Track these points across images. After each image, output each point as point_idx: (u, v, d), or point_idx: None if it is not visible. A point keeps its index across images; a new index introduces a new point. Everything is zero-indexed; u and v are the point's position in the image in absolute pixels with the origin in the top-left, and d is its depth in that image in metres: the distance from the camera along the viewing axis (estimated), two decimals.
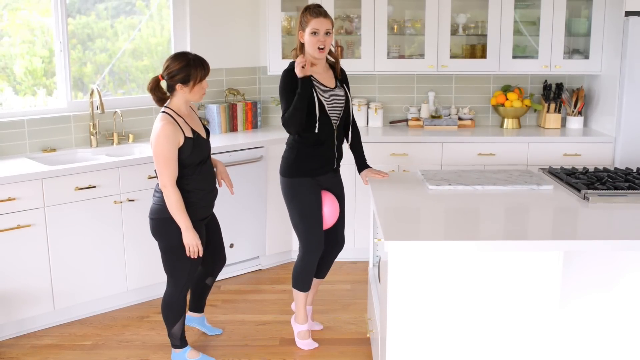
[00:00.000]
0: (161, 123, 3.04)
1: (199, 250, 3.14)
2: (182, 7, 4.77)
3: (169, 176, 3.04)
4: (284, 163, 3.44)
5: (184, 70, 3.06)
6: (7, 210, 3.54)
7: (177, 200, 3.06)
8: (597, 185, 3.17)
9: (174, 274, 3.25)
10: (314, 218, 3.41)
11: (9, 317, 3.65)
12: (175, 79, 3.07)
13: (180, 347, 3.38)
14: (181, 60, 3.08)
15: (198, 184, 3.17)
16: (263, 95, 5.29)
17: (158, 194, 3.16)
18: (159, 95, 3.14)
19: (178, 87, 3.09)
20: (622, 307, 2.76)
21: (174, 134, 3.03)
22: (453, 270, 2.52)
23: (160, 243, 3.22)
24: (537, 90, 5.30)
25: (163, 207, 3.12)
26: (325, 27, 3.29)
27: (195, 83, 3.09)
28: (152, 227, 3.22)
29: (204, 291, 3.61)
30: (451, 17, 4.91)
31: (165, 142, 3.01)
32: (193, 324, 3.70)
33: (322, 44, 3.29)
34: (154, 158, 3.06)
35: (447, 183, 3.28)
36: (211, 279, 3.56)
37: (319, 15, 3.29)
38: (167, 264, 3.24)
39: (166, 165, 3.03)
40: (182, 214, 3.08)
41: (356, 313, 4.02)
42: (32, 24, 4.27)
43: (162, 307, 3.32)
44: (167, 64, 3.10)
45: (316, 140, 3.36)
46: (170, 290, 3.28)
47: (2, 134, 4.03)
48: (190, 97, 3.13)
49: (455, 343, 2.58)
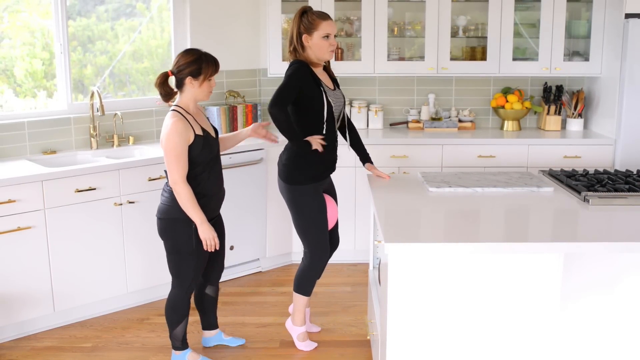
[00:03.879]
0: (172, 119, 3.03)
1: (216, 244, 3.12)
2: (182, 9, 4.78)
3: (179, 173, 3.03)
4: (287, 169, 3.39)
5: (195, 63, 3.05)
6: (7, 212, 3.54)
7: (189, 196, 3.04)
8: (597, 187, 3.17)
9: (179, 275, 3.23)
10: (321, 224, 3.42)
11: (9, 319, 3.65)
12: (185, 72, 3.05)
13: (181, 349, 3.37)
14: (192, 54, 3.08)
15: (207, 183, 3.16)
16: (263, 97, 5.29)
17: (167, 193, 3.14)
18: (167, 90, 3.14)
19: (187, 80, 3.07)
20: (623, 309, 2.76)
21: (185, 130, 3.02)
22: (453, 273, 2.52)
23: (167, 243, 3.20)
24: (537, 92, 5.30)
25: (170, 207, 3.10)
26: (335, 30, 3.32)
27: (205, 78, 3.08)
28: (159, 227, 3.20)
29: (209, 304, 3.54)
30: (451, 19, 4.91)
31: (176, 138, 3.00)
32: (212, 343, 3.61)
33: (334, 47, 3.32)
34: (164, 155, 3.05)
35: (447, 185, 3.28)
36: (211, 287, 3.49)
37: (327, 18, 3.31)
38: (172, 264, 3.23)
39: (177, 161, 3.02)
40: (196, 209, 3.06)
41: (356, 315, 4.01)
42: (33, 26, 4.27)
43: (166, 308, 3.31)
44: (177, 58, 3.09)
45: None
46: (175, 291, 3.26)
47: (3, 136, 4.03)
48: (199, 93, 3.12)
49: (456, 345, 2.58)
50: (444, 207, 3.00)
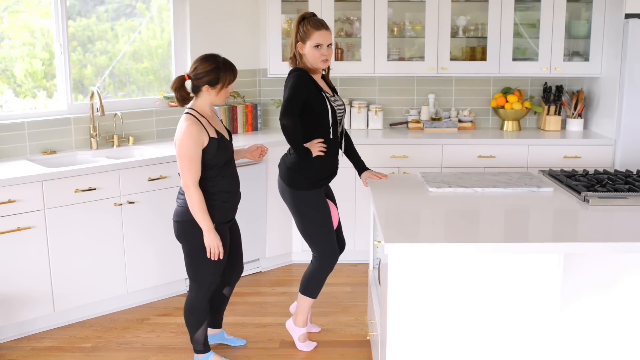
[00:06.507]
0: (186, 123, 3.03)
1: (220, 253, 3.11)
2: (182, 9, 4.78)
3: (191, 176, 3.02)
4: (292, 173, 3.38)
5: (213, 72, 3.04)
6: (7, 213, 3.54)
7: (200, 201, 3.04)
8: (597, 188, 3.17)
9: (197, 277, 3.20)
10: (328, 227, 3.42)
11: (9, 319, 3.65)
12: (203, 80, 3.05)
13: (203, 352, 3.35)
14: (211, 62, 3.06)
15: (223, 186, 3.14)
16: (263, 98, 5.29)
17: (183, 195, 3.12)
18: (183, 95, 3.11)
19: (205, 88, 3.07)
20: (622, 309, 2.76)
21: (198, 134, 3.01)
22: (453, 273, 2.52)
23: (185, 246, 3.18)
24: (537, 92, 5.30)
25: (188, 209, 3.07)
26: (328, 40, 3.28)
27: (223, 86, 3.08)
28: (177, 230, 3.17)
29: (222, 303, 3.54)
30: (451, 20, 4.91)
31: (190, 142, 3.00)
32: (213, 341, 3.61)
33: (326, 57, 3.29)
34: (177, 158, 3.04)
35: (447, 185, 3.28)
36: (228, 288, 3.50)
37: (321, 28, 3.27)
38: (191, 267, 3.19)
39: (190, 165, 3.01)
40: (204, 215, 3.05)
41: (356, 315, 4.01)
42: (33, 26, 4.27)
43: (184, 311, 3.29)
44: (195, 65, 3.08)
45: (326, 148, 3.36)
46: (193, 294, 3.24)
47: (3, 136, 4.03)
48: (216, 100, 3.11)
49: (456, 345, 2.58)
50: (444, 207, 3.00)
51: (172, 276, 4.24)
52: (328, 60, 3.31)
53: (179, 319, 3.92)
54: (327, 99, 3.31)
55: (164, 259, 4.17)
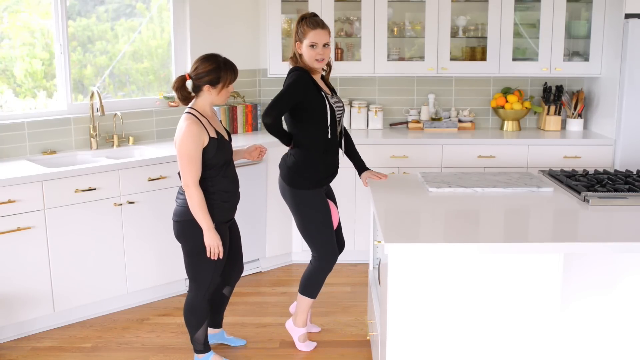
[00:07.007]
0: (186, 123, 3.03)
1: (219, 252, 3.11)
2: (182, 9, 4.78)
3: (192, 176, 3.02)
4: (293, 173, 3.39)
5: (214, 72, 3.04)
6: (7, 213, 3.54)
7: (200, 200, 3.04)
8: (597, 188, 3.17)
9: (197, 277, 3.20)
10: (328, 227, 3.43)
11: (9, 319, 3.65)
12: (204, 80, 3.05)
13: (203, 352, 3.35)
14: (212, 62, 3.06)
15: (222, 185, 3.15)
16: (263, 98, 5.29)
17: (182, 195, 3.12)
18: (184, 95, 3.11)
19: (206, 88, 3.07)
20: (622, 309, 2.76)
21: (199, 133, 3.02)
22: (453, 273, 2.52)
23: (185, 246, 3.18)
24: (537, 92, 5.30)
25: (187, 209, 3.08)
26: (323, 40, 3.27)
27: (224, 86, 3.08)
28: (176, 230, 3.17)
29: (222, 303, 3.55)
30: (451, 20, 4.91)
31: (190, 141, 3.00)
32: (213, 341, 3.60)
33: (321, 57, 3.28)
34: (178, 157, 3.05)
35: (447, 185, 3.28)
36: (228, 288, 3.50)
37: (317, 27, 3.27)
38: (190, 267, 3.19)
39: (190, 164, 3.01)
40: (205, 214, 3.05)
41: (356, 315, 4.01)
42: (33, 26, 4.27)
43: (184, 312, 3.29)
44: (196, 64, 3.08)
45: (326, 148, 3.36)
46: (193, 294, 3.24)
47: (2, 136, 4.03)
48: (217, 99, 3.12)
49: (456, 345, 2.58)
50: (444, 207, 3.00)
51: (172, 276, 4.24)
52: (324, 60, 3.30)
53: (179, 319, 3.93)
54: (326, 98, 3.32)
55: (164, 259, 4.17)
